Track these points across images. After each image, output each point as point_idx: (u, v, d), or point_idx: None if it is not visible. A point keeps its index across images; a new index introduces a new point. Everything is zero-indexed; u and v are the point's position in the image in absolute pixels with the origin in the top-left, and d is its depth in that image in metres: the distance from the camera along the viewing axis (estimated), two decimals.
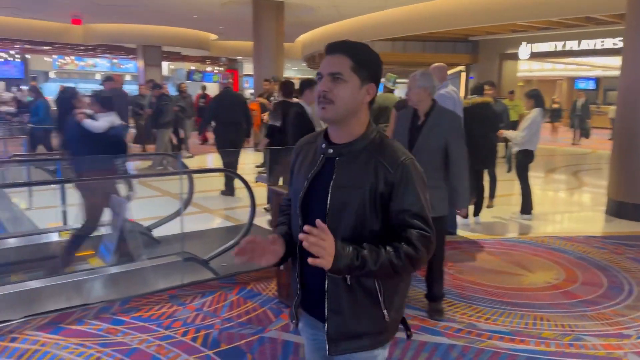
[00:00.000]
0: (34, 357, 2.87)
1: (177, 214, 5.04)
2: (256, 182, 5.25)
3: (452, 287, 4.03)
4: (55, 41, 18.21)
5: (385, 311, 1.51)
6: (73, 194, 4.67)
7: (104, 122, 4.36)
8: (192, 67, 25.75)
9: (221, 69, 26.38)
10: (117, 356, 2.92)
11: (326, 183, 1.48)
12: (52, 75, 27.32)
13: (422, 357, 2.97)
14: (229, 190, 7.35)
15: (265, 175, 5.99)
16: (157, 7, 13.90)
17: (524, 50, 16.32)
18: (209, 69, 27.57)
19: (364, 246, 1.41)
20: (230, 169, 6.16)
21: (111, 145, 4.43)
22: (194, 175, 5.31)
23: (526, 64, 20.79)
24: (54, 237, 4.61)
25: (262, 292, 3.88)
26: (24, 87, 17.07)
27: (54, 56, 24.61)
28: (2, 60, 21.83)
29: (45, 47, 20.45)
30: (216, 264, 4.25)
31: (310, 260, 1.34)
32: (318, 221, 1.35)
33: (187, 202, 5.15)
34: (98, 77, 25.84)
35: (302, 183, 1.53)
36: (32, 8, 14.12)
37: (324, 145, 1.53)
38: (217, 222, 6.44)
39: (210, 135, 11.05)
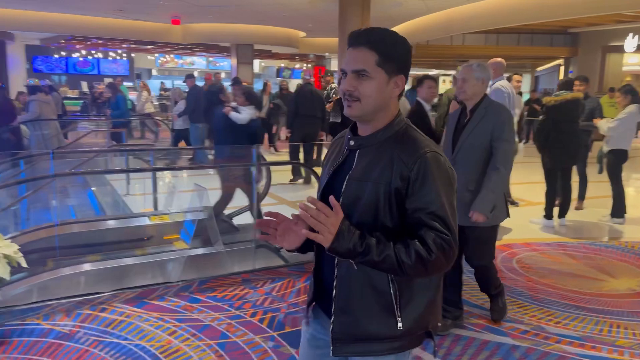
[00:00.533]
0: (118, 327, 3.19)
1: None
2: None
3: (525, 289, 3.90)
4: (157, 40, 19.54)
5: (399, 319, 1.37)
6: (164, 182, 5.09)
7: (246, 114, 4.80)
8: (282, 65, 26.51)
9: (309, 65, 26.89)
10: (191, 331, 3.17)
11: (345, 175, 1.41)
12: (154, 72, 29.33)
13: (483, 355, 2.93)
14: (300, 177, 7.68)
15: None
16: (249, 7, 14.48)
17: (631, 42, 15.05)
18: (297, 66, 28.21)
19: (374, 235, 1.32)
20: (297, 161, 6.38)
21: (250, 136, 4.88)
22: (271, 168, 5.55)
23: (636, 57, 19.14)
24: (145, 221, 5.03)
25: None
26: (99, 84, 18.35)
27: (156, 54, 26.42)
28: (111, 58, 23.83)
29: (148, 46, 22.04)
30: (287, 252, 4.43)
31: (304, 231, 1.27)
32: (332, 198, 1.30)
33: (263, 194, 5.39)
34: (196, 74, 27.39)
35: (326, 175, 1.48)
36: (137, 10, 15.25)
37: (349, 137, 1.47)
38: (290, 213, 6.66)
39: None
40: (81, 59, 22.82)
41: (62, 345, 2.94)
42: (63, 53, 22.46)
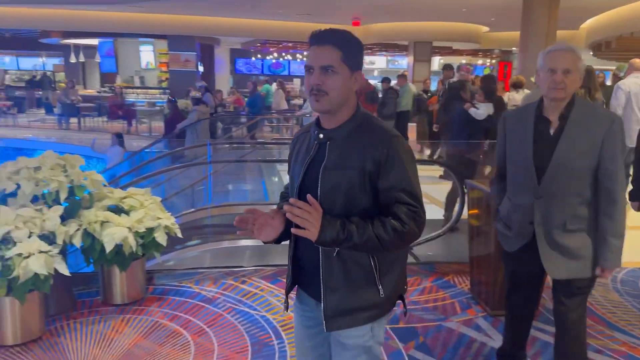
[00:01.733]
0: (252, 298, 3.59)
1: None
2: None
3: None
4: None
5: (380, 287, 1.54)
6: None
7: (483, 110, 5.12)
8: (463, 61, 25.64)
9: (493, 61, 25.55)
10: None
11: (319, 167, 1.53)
12: None
13: None
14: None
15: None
16: (427, 4, 14.40)
17: None
18: (480, 61, 27.03)
19: (352, 219, 1.45)
20: (441, 162, 6.24)
21: (485, 131, 5.19)
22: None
23: None
24: None
25: (457, 285, 3.90)
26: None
27: None
28: (299, 60, 25.73)
29: None
30: (420, 250, 4.43)
31: (293, 230, 1.41)
32: (309, 196, 1.44)
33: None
34: (376, 74, 28.04)
35: (300, 169, 1.58)
36: (321, 13, 16.27)
37: (316, 132, 1.57)
38: (431, 211, 6.54)
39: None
40: (274, 60, 25.10)
41: (203, 307, 3.44)
42: (259, 55, 24.97)
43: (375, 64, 28.07)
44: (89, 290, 3.62)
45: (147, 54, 21.45)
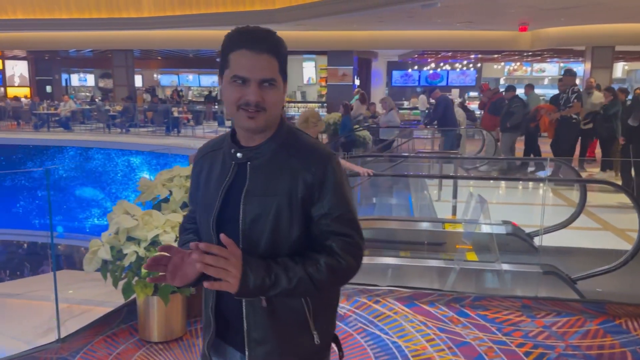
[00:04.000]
0: (384, 320, 3.39)
1: (563, 225, 4.74)
2: None
3: None
4: (504, 49, 19.32)
5: (315, 333, 1.31)
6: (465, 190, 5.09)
7: None
8: None
9: None
10: (449, 343, 3.11)
11: (240, 193, 1.27)
12: (502, 81, 29.10)
13: None
14: None
15: None
16: (609, 4, 12.80)
17: None
18: None
19: (278, 261, 1.21)
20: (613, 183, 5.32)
21: None
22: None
23: None
24: (439, 227, 5.13)
25: (631, 332, 3.25)
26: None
27: (502, 63, 26.13)
28: (458, 70, 24.82)
29: (495, 55, 22.03)
30: (586, 286, 3.80)
31: (206, 284, 1.16)
32: (223, 235, 1.16)
33: (575, 214, 4.76)
34: (546, 82, 25.84)
35: (214, 198, 1.30)
36: (484, 21, 15.45)
37: (232, 150, 1.31)
38: (605, 240, 5.62)
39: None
40: (431, 71, 24.58)
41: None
42: (416, 67, 24.66)
43: (546, 71, 25.94)
44: None
45: (310, 70, 22.53)
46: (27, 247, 13.90)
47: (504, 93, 10.56)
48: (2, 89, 22.10)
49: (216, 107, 19.24)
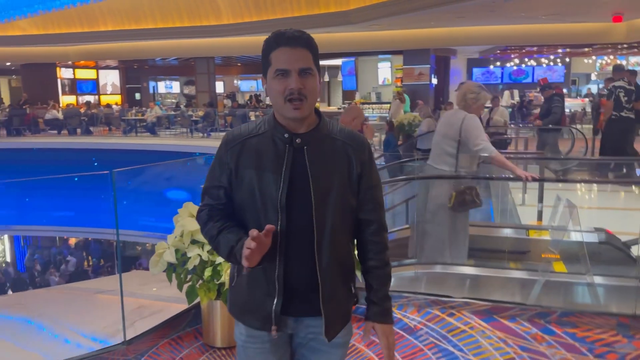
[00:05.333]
0: (459, 335, 3.14)
1: None
2: None
3: None
4: (596, 42, 17.95)
5: (352, 285, 1.62)
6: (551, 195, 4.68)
7: None
8: None
9: None
10: None
11: (300, 173, 1.46)
12: (593, 77, 27.12)
13: None
14: None
15: None
16: None
17: None
18: None
19: (374, 284, 1.60)
20: None
21: None
22: None
23: None
24: (523, 234, 4.73)
25: None
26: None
27: (593, 57, 24.31)
28: (545, 65, 23.40)
29: (585, 49, 20.53)
30: None
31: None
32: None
33: None
34: None
35: (273, 178, 1.46)
36: (574, 12, 14.42)
37: (286, 136, 1.47)
38: None
39: None
40: (515, 67, 23.39)
41: (403, 337, 3.13)
42: (498, 63, 23.57)
43: None
44: None
45: (385, 70, 22.21)
46: (123, 245, 14.74)
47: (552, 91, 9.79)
48: (97, 96, 23.75)
49: None
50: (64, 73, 22.69)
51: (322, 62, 19.44)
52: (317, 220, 1.46)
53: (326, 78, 23.13)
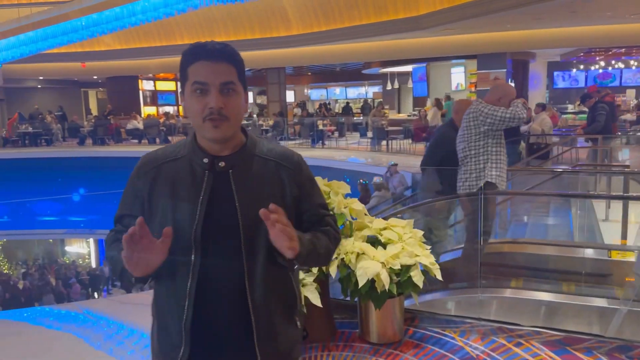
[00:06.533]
0: None
1: None
2: None
3: None
4: None
5: (297, 318, 1.43)
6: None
7: None
8: None
9: None
10: None
11: (223, 202, 1.29)
12: None
13: None
14: None
15: None
16: None
17: None
18: None
19: (303, 234, 1.33)
20: None
21: None
22: None
23: None
24: (604, 255, 4.30)
25: None
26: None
27: None
28: (634, 67, 21.68)
29: None
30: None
31: (287, 243, 1.21)
32: (273, 205, 1.19)
33: None
34: None
35: (188, 208, 1.28)
36: None
37: (205, 160, 1.32)
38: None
39: None
40: (601, 70, 21.89)
41: None
42: (582, 67, 22.16)
43: None
44: (351, 321, 3.50)
45: (458, 76, 21.53)
46: None
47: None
48: (176, 107, 24.87)
49: (362, 118, 19.35)
50: (146, 85, 23.96)
51: (392, 69, 19.26)
52: (247, 252, 1.29)
53: (396, 85, 22.82)
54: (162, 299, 1.35)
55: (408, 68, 21.45)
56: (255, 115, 21.25)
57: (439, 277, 3.04)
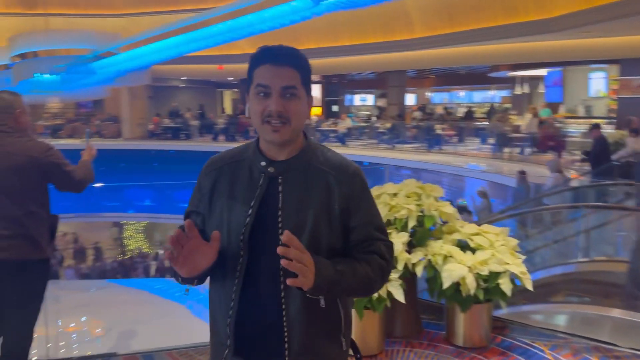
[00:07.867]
0: None
1: None
2: None
3: None
4: None
5: (343, 340, 1.37)
6: None
7: None
8: None
9: None
10: None
11: (272, 206, 1.30)
12: None
13: None
14: None
15: None
16: None
17: None
18: None
19: (337, 260, 1.27)
20: None
21: None
22: None
23: None
24: None
25: None
26: None
27: None
28: None
29: None
30: None
31: (289, 281, 1.16)
32: (287, 232, 1.16)
33: None
34: None
35: (242, 210, 1.30)
36: None
37: (263, 164, 1.33)
38: None
39: None
40: None
41: None
42: None
43: None
44: (438, 323, 3.54)
45: (598, 82, 19.82)
46: None
47: None
48: None
49: (487, 123, 18.61)
50: None
51: (523, 72, 18.20)
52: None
53: (526, 89, 21.58)
54: (214, 296, 1.39)
55: (541, 72, 20.19)
56: (373, 118, 21.43)
57: (530, 287, 2.99)
